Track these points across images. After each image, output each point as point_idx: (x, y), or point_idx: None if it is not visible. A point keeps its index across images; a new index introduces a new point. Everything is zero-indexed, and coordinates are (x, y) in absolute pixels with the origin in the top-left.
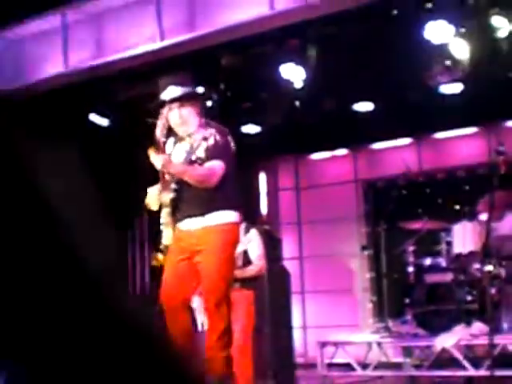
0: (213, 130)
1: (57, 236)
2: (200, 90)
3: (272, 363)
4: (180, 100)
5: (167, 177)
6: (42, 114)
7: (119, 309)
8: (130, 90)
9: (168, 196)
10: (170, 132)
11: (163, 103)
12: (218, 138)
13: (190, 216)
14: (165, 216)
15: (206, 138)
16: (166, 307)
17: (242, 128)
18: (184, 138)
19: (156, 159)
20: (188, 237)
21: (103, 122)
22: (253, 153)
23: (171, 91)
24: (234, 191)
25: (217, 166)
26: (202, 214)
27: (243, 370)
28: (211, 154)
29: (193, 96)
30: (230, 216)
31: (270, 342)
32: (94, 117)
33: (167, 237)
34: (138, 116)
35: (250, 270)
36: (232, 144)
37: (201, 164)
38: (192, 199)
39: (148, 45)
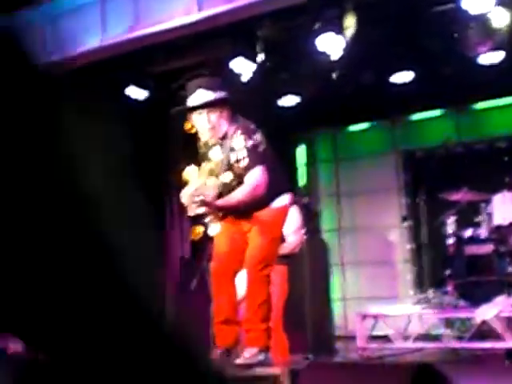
0: (242, 135)
1: (94, 212)
2: (228, 95)
3: (311, 336)
4: (210, 105)
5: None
6: (80, 87)
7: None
8: (168, 62)
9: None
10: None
11: (191, 109)
12: (249, 142)
13: None
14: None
15: (234, 148)
16: (215, 276)
17: (280, 100)
18: (215, 144)
19: (200, 207)
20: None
21: (141, 95)
22: (291, 125)
23: (200, 95)
24: (280, 178)
25: (256, 175)
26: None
27: (277, 345)
28: (248, 162)
29: (222, 101)
30: (282, 200)
31: (309, 313)
32: (131, 90)
33: (214, 228)
34: (176, 89)
35: (285, 248)
36: (262, 140)
37: (241, 173)
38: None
39: (185, 17)
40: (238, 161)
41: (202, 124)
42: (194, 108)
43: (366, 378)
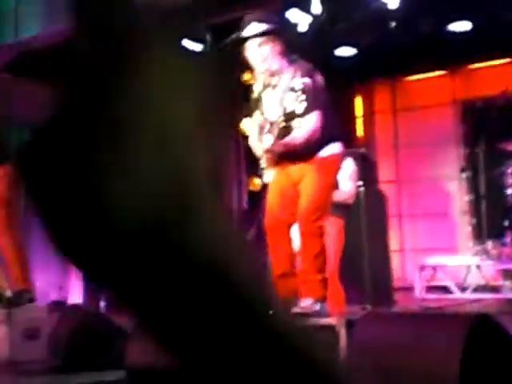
0: (303, 76)
1: None
2: (283, 27)
3: (370, 287)
4: (260, 36)
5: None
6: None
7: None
8: (223, 13)
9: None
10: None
11: (243, 40)
12: (305, 83)
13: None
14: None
15: (294, 88)
16: (269, 230)
17: (337, 50)
18: (270, 85)
19: (266, 140)
20: (292, 166)
21: (197, 47)
22: (348, 75)
23: (252, 28)
24: (333, 125)
25: (315, 119)
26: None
27: (334, 296)
28: (306, 105)
29: (272, 33)
30: (333, 148)
31: (367, 265)
32: (186, 42)
33: (269, 175)
34: (233, 41)
35: (339, 195)
36: (320, 80)
37: (293, 115)
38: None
39: None
40: (295, 101)
41: (255, 56)
42: (246, 39)
43: (424, 327)
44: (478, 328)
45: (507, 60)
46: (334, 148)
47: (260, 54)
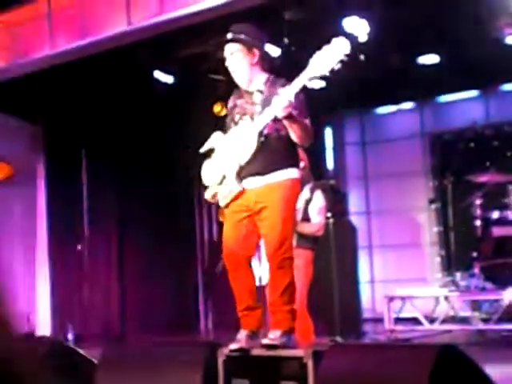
0: (282, 85)
1: None
2: (254, 41)
3: (339, 318)
4: (235, 42)
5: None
6: (107, 71)
7: None
8: (193, 46)
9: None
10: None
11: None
12: (299, 94)
13: (253, 175)
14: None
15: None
16: (228, 264)
17: (307, 83)
18: (248, 92)
19: (281, 108)
20: (250, 194)
21: (168, 79)
22: (318, 107)
23: (229, 36)
24: (295, 148)
25: (309, 123)
26: (265, 173)
27: (301, 327)
28: (297, 112)
29: (248, 44)
30: (291, 173)
31: (337, 297)
32: (158, 74)
33: (237, 183)
34: (202, 72)
35: (309, 227)
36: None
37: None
38: (256, 159)
39: (210, 1)
40: (292, 107)
41: (234, 66)
42: (227, 41)
43: (391, 358)
44: (443, 358)
45: (475, 93)
46: (292, 172)
47: (232, 64)
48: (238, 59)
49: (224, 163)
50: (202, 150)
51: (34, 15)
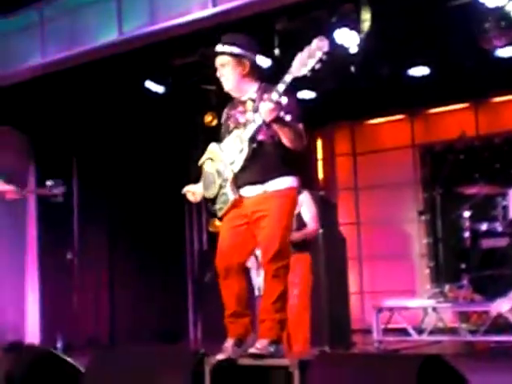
0: (274, 91)
1: None
2: (244, 51)
3: (328, 328)
4: (224, 54)
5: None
6: (98, 81)
7: None
8: (184, 56)
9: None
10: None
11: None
12: (292, 100)
13: (250, 183)
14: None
15: (273, 99)
16: (220, 270)
17: (298, 94)
18: (241, 101)
19: (267, 111)
20: (247, 203)
21: (159, 88)
22: (309, 119)
23: (218, 47)
24: (291, 156)
25: (302, 127)
26: (263, 182)
27: (300, 333)
28: (291, 117)
29: (238, 56)
30: (288, 181)
31: (326, 307)
32: (149, 84)
33: (233, 191)
34: (194, 82)
35: (304, 233)
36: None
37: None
38: (253, 167)
39: (201, 11)
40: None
41: (224, 77)
42: (217, 53)
43: (376, 368)
44: (428, 368)
45: (465, 105)
46: (289, 181)
47: (220, 73)
48: (228, 70)
49: (220, 173)
50: (200, 162)
51: (26, 24)
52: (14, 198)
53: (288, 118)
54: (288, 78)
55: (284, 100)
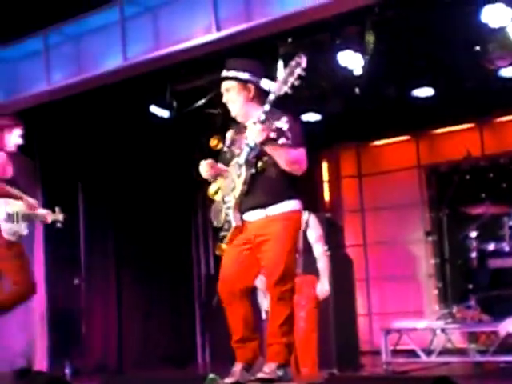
0: (285, 117)
1: None
2: (249, 76)
3: (336, 350)
4: (229, 79)
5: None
6: (104, 106)
7: None
8: (189, 81)
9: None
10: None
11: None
12: (294, 125)
13: (252, 208)
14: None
15: (279, 128)
16: (224, 296)
17: (303, 116)
18: (245, 127)
19: (256, 133)
20: (250, 228)
21: (164, 113)
22: (314, 141)
23: (223, 73)
24: (292, 180)
25: (303, 153)
26: (265, 206)
27: (308, 355)
28: (293, 140)
29: (243, 81)
30: (291, 204)
31: (334, 329)
32: (154, 109)
33: (236, 218)
34: (198, 106)
35: (321, 262)
36: (299, 124)
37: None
38: (254, 191)
39: (205, 36)
40: (279, 138)
41: (230, 102)
42: (223, 79)
43: None
44: None
45: (470, 125)
46: (292, 204)
47: (227, 98)
48: (233, 95)
49: (225, 201)
50: (211, 191)
51: (31, 51)
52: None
53: (287, 141)
54: (271, 97)
55: (282, 124)
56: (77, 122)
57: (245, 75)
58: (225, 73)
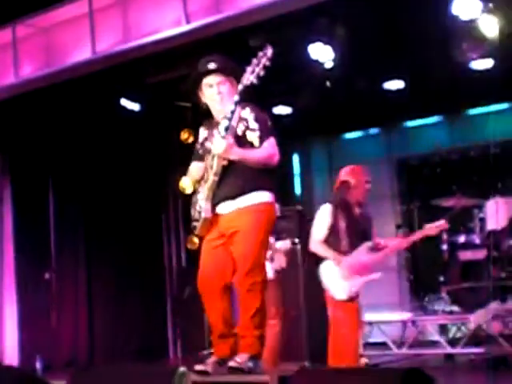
0: (253, 109)
1: None
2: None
3: (307, 343)
4: (220, 73)
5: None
6: (74, 99)
7: None
8: (159, 73)
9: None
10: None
11: (201, 76)
12: (260, 114)
13: (224, 200)
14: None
15: (244, 118)
16: (204, 293)
17: (274, 109)
18: (219, 122)
19: (218, 143)
20: (223, 220)
21: (134, 106)
22: (285, 134)
23: (212, 66)
24: (266, 171)
25: (273, 144)
26: (236, 197)
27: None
28: (260, 133)
29: (232, 71)
30: (262, 196)
31: (305, 322)
32: (125, 102)
33: (206, 209)
34: (169, 99)
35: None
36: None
37: (247, 143)
38: (226, 183)
39: (174, 29)
40: (246, 130)
41: (212, 96)
42: (206, 73)
43: (356, 383)
44: (409, 381)
45: (440, 118)
46: (264, 196)
47: (218, 91)
48: (226, 89)
49: (199, 190)
50: (182, 185)
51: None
52: None
53: (254, 132)
54: (239, 87)
55: (247, 115)
56: (46, 116)
57: (236, 70)
58: (213, 66)
